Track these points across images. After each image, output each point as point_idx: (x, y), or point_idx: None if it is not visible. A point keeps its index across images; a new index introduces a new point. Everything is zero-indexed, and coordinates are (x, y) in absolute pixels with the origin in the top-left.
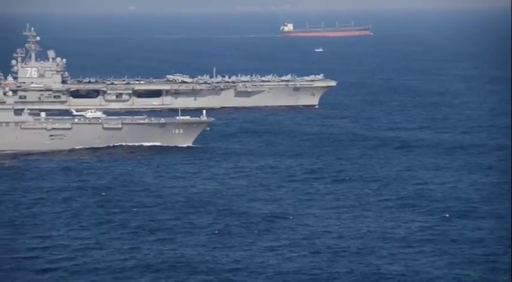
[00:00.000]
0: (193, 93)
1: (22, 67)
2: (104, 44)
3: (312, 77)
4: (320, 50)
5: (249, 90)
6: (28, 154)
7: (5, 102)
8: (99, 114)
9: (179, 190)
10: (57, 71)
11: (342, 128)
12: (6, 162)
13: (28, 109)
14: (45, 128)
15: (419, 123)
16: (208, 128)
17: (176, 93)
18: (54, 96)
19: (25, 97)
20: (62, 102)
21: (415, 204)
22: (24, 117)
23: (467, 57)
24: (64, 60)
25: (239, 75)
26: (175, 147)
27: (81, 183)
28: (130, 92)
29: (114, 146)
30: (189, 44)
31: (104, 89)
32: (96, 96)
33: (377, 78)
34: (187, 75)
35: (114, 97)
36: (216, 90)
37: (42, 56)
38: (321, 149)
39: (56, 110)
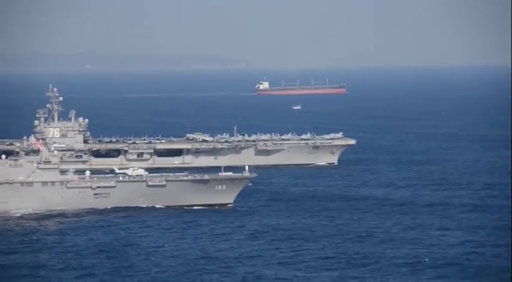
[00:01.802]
0: (213, 152)
1: (45, 127)
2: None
3: (331, 135)
4: (298, 107)
5: (269, 148)
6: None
7: (50, 161)
8: (141, 171)
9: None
10: (79, 131)
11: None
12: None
13: (73, 168)
14: (90, 187)
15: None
16: (250, 184)
17: (197, 152)
18: (76, 156)
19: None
20: (84, 162)
21: None
22: (70, 176)
23: (432, 114)
24: (86, 120)
25: (258, 133)
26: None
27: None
28: (152, 151)
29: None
30: (163, 102)
31: (126, 148)
32: (117, 156)
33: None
34: (207, 134)
35: (135, 156)
36: (236, 149)
37: (63, 116)
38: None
39: (78, 169)
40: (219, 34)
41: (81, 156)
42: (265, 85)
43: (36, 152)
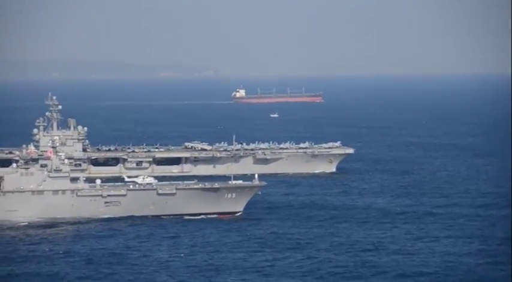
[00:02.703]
0: (212, 160)
1: (44, 136)
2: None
3: (329, 144)
4: (275, 115)
5: (268, 157)
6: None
7: (61, 170)
8: (151, 180)
9: None
10: (78, 140)
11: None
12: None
13: (84, 177)
14: (101, 195)
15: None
16: (259, 192)
17: (195, 161)
18: (75, 165)
19: (46, 165)
20: (83, 170)
21: None
22: (80, 184)
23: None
24: (85, 128)
25: (257, 142)
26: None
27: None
28: (151, 159)
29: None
30: (135, 111)
31: (125, 156)
32: (116, 164)
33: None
34: (206, 143)
35: (134, 165)
36: (235, 158)
37: (62, 124)
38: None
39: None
40: (186, 42)
41: (80, 165)
42: (241, 93)
43: (36, 160)
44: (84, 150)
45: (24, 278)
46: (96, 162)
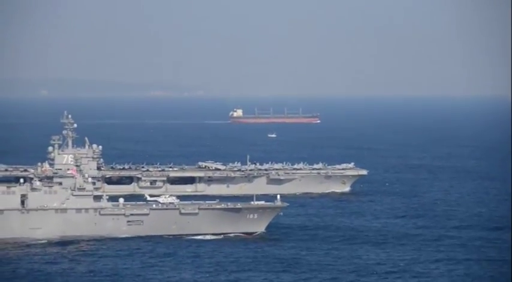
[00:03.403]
0: (226, 180)
1: (59, 154)
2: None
3: (343, 165)
4: (273, 135)
5: (282, 178)
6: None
7: (84, 188)
8: (173, 199)
9: None
10: (93, 158)
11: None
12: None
13: (106, 195)
14: (124, 214)
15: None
16: (281, 213)
17: (209, 180)
18: None
19: (61, 183)
20: (97, 189)
21: None
22: (103, 203)
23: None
24: (100, 147)
25: (270, 162)
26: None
27: None
28: (165, 179)
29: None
30: (130, 129)
31: (139, 175)
32: (130, 183)
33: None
34: (220, 162)
35: (148, 184)
36: (248, 178)
37: (77, 143)
38: None
39: None
40: (176, 61)
41: (94, 183)
42: (238, 113)
43: (51, 178)
44: (98, 168)
45: None
46: (109, 181)
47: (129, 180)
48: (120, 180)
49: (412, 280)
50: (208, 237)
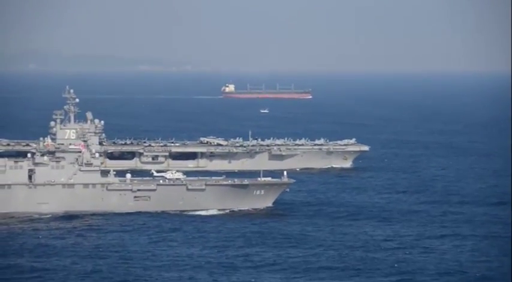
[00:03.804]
0: (228, 156)
1: (61, 129)
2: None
3: (345, 141)
4: (266, 111)
5: (283, 153)
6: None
7: (92, 164)
8: (179, 175)
9: None
10: (95, 133)
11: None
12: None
13: (114, 171)
14: (131, 189)
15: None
16: (288, 189)
17: (211, 156)
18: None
19: (63, 158)
20: None
21: None
22: (111, 178)
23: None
24: (102, 122)
25: (272, 138)
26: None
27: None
28: (167, 154)
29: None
30: (121, 105)
31: (141, 150)
32: (131, 158)
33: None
34: (222, 138)
35: (150, 159)
36: (250, 154)
37: (79, 117)
38: None
39: None
40: (164, 36)
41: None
42: (230, 88)
43: (53, 153)
44: (100, 143)
45: (53, 271)
46: (111, 156)
47: (131, 155)
48: (121, 156)
49: (421, 256)
50: (214, 212)
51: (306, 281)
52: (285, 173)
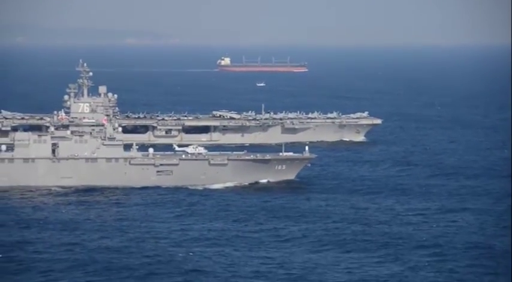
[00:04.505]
0: (240, 129)
1: (75, 102)
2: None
3: (357, 114)
4: (262, 84)
5: (296, 127)
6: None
7: (114, 138)
8: (201, 149)
9: None
10: (109, 107)
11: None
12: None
13: (136, 145)
14: (153, 164)
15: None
16: (309, 164)
17: (224, 129)
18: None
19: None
20: None
21: None
22: (133, 153)
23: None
24: (116, 95)
25: (284, 112)
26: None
27: None
28: (180, 128)
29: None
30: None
31: (154, 124)
32: (145, 132)
33: None
34: (234, 111)
35: (163, 133)
36: (263, 127)
37: (93, 91)
38: None
39: None
40: (152, 8)
41: None
42: (226, 61)
43: (67, 126)
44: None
45: (81, 245)
46: (124, 130)
47: (144, 129)
48: (134, 129)
49: (446, 229)
50: (232, 184)
51: (337, 253)
52: (307, 148)
